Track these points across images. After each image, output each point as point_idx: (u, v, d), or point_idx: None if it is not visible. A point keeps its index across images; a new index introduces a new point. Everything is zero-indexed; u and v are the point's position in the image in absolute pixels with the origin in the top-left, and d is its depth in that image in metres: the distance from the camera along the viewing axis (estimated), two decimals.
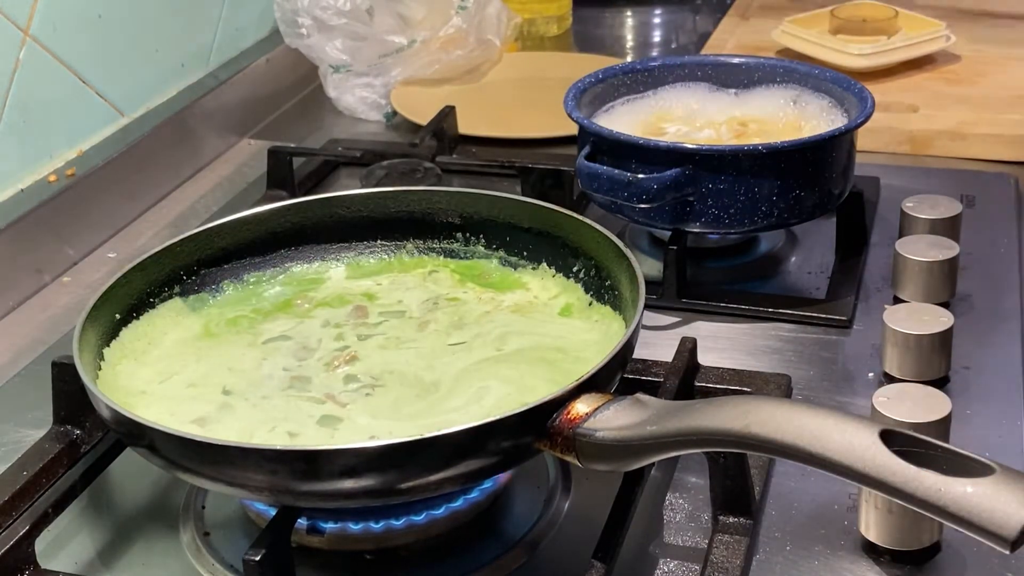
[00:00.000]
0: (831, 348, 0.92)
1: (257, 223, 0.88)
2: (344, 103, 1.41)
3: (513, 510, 0.76)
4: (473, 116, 1.32)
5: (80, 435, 0.79)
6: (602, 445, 0.63)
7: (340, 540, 0.72)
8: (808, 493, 0.77)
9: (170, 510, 0.78)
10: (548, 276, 0.85)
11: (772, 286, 1.01)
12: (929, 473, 0.49)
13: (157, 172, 1.24)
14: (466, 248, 0.88)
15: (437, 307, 0.83)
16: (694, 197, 0.94)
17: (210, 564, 0.73)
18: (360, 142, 1.30)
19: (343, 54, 1.39)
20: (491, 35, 1.44)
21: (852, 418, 0.54)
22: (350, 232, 0.89)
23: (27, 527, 0.71)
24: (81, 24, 1.18)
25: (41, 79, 1.13)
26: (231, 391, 0.75)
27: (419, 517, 0.71)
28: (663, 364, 0.82)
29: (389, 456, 0.62)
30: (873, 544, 0.71)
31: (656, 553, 0.73)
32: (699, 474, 0.78)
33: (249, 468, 0.63)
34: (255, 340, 0.81)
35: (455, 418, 0.70)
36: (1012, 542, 0.48)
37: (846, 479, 0.53)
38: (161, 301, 0.83)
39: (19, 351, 0.98)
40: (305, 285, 0.87)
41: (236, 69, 1.39)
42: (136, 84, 1.26)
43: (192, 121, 1.30)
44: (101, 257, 1.13)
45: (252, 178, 1.27)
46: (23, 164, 1.12)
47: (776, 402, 0.58)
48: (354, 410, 0.72)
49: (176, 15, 1.32)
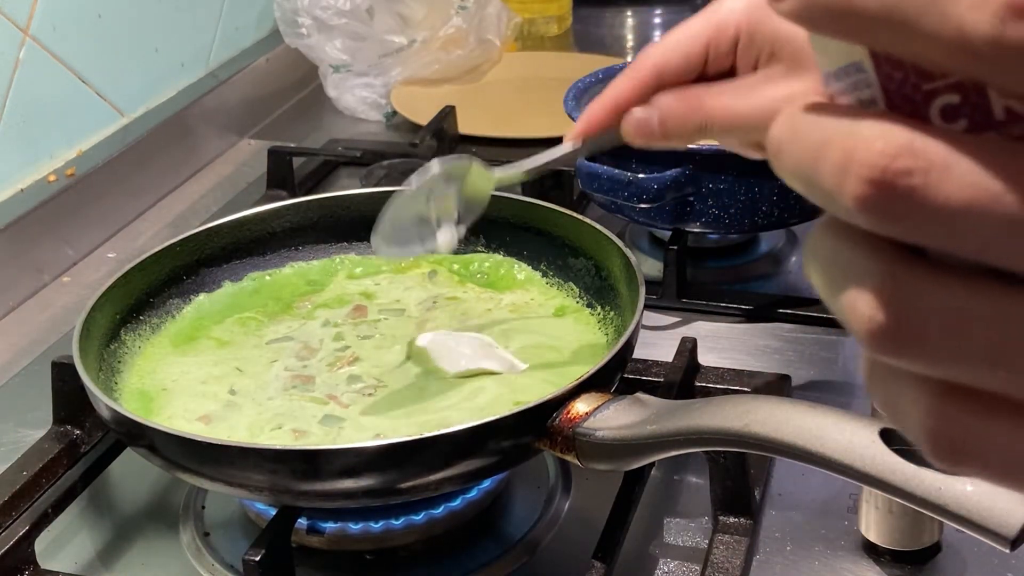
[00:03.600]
0: (831, 348, 0.92)
1: (257, 223, 0.88)
2: (344, 103, 1.41)
3: (513, 510, 0.76)
4: (473, 116, 1.32)
5: (80, 435, 0.79)
6: (602, 445, 0.63)
7: (340, 540, 0.72)
8: (808, 493, 0.77)
9: (170, 510, 0.78)
10: (548, 276, 0.85)
11: (772, 286, 1.01)
12: (929, 472, 0.49)
13: (157, 172, 1.24)
14: (466, 248, 0.88)
15: (436, 306, 0.83)
16: (694, 197, 0.94)
17: (210, 564, 0.72)
18: (360, 142, 1.30)
19: (343, 54, 1.39)
20: (491, 35, 1.44)
21: (852, 417, 0.54)
22: (350, 232, 0.89)
23: (27, 527, 0.71)
24: (81, 24, 1.18)
25: (41, 79, 1.13)
26: (237, 391, 0.75)
27: (419, 517, 0.71)
28: (663, 364, 0.82)
29: (389, 456, 0.62)
30: (873, 544, 0.71)
31: (656, 553, 0.73)
32: (699, 474, 0.78)
33: (249, 468, 0.63)
34: (260, 341, 0.81)
35: (449, 416, 0.70)
36: (1012, 541, 0.48)
37: (846, 478, 0.53)
38: (161, 301, 0.83)
39: (19, 351, 0.98)
40: (305, 286, 0.87)
41: (236, 69, 1.39)
42: (136, 84, 1.27)
43: (192, 121, 1.30)
44: (101, 257, 1.13)
45: (252, 178, 1.27)
46: (23, 164, 1.12)
47: (776, 401, 0.58)
48: (355, 410, 0.72)
49: (176, 15, 1.32)
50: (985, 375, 0.25)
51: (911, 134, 0.25)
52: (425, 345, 0.76)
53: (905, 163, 0.24)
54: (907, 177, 0.24)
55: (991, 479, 0.27)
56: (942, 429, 0.26)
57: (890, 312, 0.25)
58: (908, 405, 0.27)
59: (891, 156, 0.24)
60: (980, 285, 0.25)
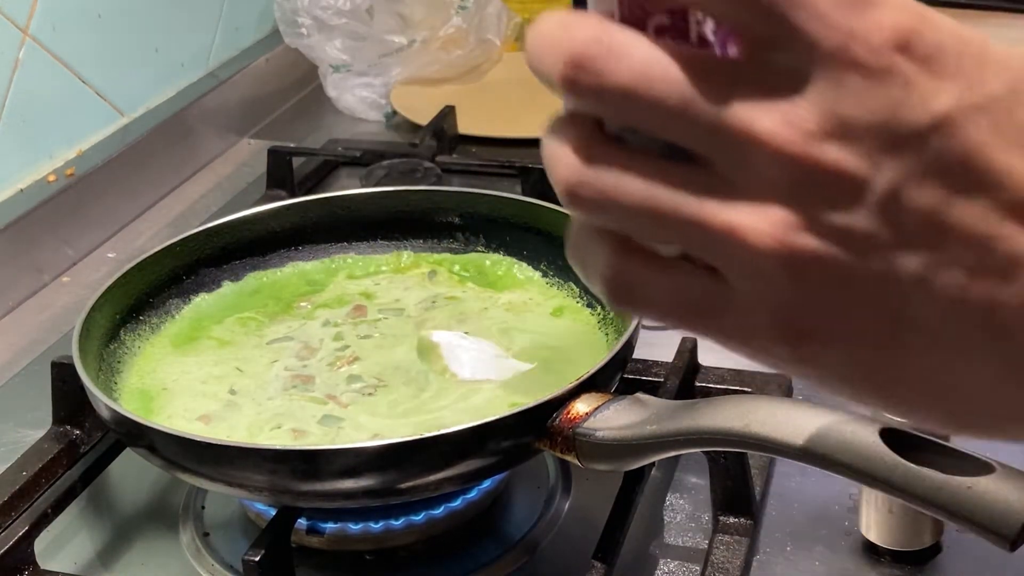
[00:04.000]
0: None
1: (257, 223, 0.88)
2: (344, 103, 1.41)
3: (513, 510, 0.76)
4: (473, 116, 1.32)
5: (79, 435, 0.79)
6: (602, 445, 0.63)
7: (340, 540, 0.72)
8: (808, 493, 0.77)
9: (170, 510, 0.78)
10: (547, 276, 0.85)
11: None
12: (929, 472, 0.49)
13: (157, 172, 1.24)
14: (466, 248, 0.88)
15: (435, 306, 0.83)
16: None
17: (210, 564, 0.72)
18: (360, 142, 1.30)
19: (343, 54, 1.39)
20: (491, 35, 1.44)
21: (852, 417, 0.54)
22: (350, 232, 0.89)
23: (27, 527, 0.71)
24: (81, 24, 1.18)
25: (41, 79, 1.13)
26: (237, 391, 0.75)
27: (419, 517, 0.71)
28: (663, 364, 0.82)
29: (388, 456, 0.62)
30: (873, 544, 0.71)
31: (656, 553, 0.73)
32: (699, 474, 0.78)
33: (248, 468, 0.63)
34: (260, 341, 0.81)
35: (445, 416, 0.70)
36: (1012, 541, 0.48)
37: (847, 478, 0.53)
38: (161, 301, 0.83)
39: (19, 351, 0.98)
40: (305, 286, 0.87)
41: (236, 69, 1.39)
42: (136, 84, 1.26)
43: (192, 121, 1.30)
44: (101, 257, 1.13)
45: (252, 178, 1.27)
46: (23, 164, 1.12)
47: (776, 401, 0.58)
48: (355, 410, 0.72)
49: (176, 15, 1.32)
50: (644, 229, 0.35)
51: (602, 29, 0.33)
52: (438, 342, 0.76)
53: (593, 49, 0.33)
54: (592, 60, 0.33)
55: (657, 318, 0.36)
56: (617, 276, 0.36)
57: (578, 171, 0.35)
58: (593, 260, 0.36)
59: (583, 43, 0.33)
60: (643, 159, 0.34)
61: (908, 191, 0.32)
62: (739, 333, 0.35)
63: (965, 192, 0.33)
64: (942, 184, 0.32)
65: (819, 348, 0.35)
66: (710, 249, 0.34)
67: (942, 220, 0.33)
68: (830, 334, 0.34)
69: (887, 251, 0.33)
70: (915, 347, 0.35)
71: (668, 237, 0.35)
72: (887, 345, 0.35)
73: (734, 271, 0.34)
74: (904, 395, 0.36)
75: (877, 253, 0.33)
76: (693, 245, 0.34)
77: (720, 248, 0.34)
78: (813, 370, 0.36)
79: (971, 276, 0.33)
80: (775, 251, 0.33)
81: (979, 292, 0.33)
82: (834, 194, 0.33)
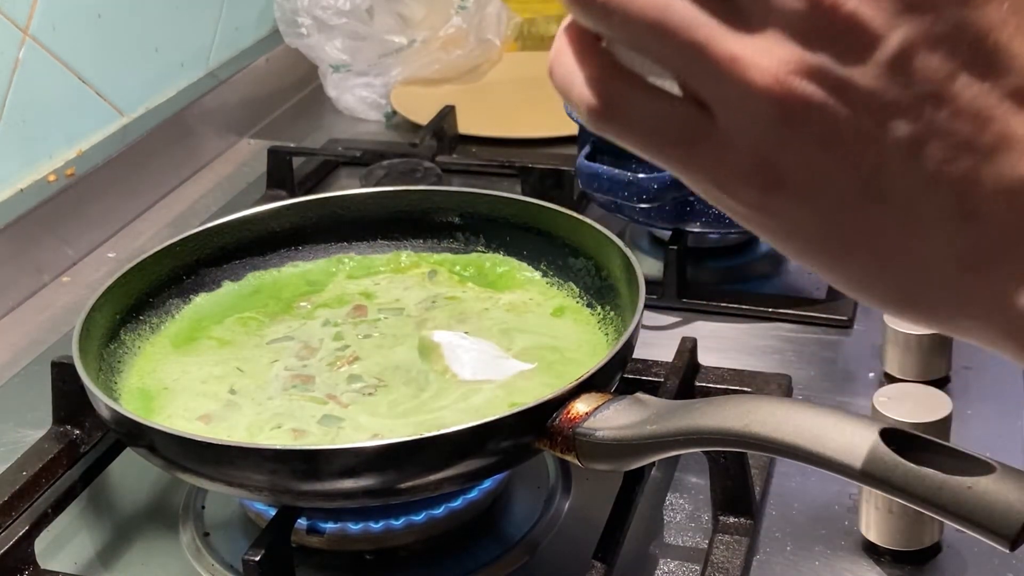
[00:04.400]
0: (831, 348, 0.92)
1: (257, 223, 0.88)
2: (344, 103, 1.41)
3: (513, 510, 0.76)
4: (473, 116, 1.32)
5: (80, 435, 0.79)
6: (602, 445, 0.63)
7: (340, 540, 0.72)
8: (808, 493, 0.77)
9: (170, 510, 0.78)
10: (548, 276, 0.85)
11: (772, 286, 1.01)
12: (929, 472, 0.49)
13: (157, 172, 1.24)
14: (466, 248, 0.88)
15: (435, 306, 0.83)
16: (694, 197, 0.94)
17: (210, 564, 0.72)
18: (360, 142, 1.30)
19: (343, 54, 1.39)
20: (491, 35, 1.44)
21: (852, 417, 0.54)
22: (350, 232, 0.89)
23: (27, 527, 0.71)
24: (81, 24, 1.18)
25: (41, 79, 1.13)
26: (237, 391, 0.75)
27: (419, 517, 0.71)
28: (663, 364, 0.82)
29: (388, 456, 0.62)
30: (873, 544, 0.71)
31: (656, 553, 0.73)
32: (699, 474, 0.78)
33: (249, 468, 0.63)
34: (260, 341, 0.81)
35: (445, 416, 0.70)
36: (1012, 541, 0.48)
37: (846, 478, 0.53)
38: (161, 301, 0.83)
39: (19, 351, 0.98)
40: (305, 286, 0.87)
41: (236, 69, 1.39)
42: (136, 84, 1.26)
43: (192, 121, 1.30)
44: (101, 257, 1.13)
45: (252, 178, 1.27)
46: (23, 164, 1.12)
47: (776, 401, 0.57)
48: (355, 410, 0.72)
49: (175, 15, 1.32)
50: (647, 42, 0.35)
51: None
52: (440, 342, 0.76)
53: None
54: None
55: (634, 143, 0.37)
56: (601, 95, 0.36)
57: None
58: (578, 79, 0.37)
59: None
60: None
61: (918, 55, 0.33)
62: (712, 167, 0.35)
63: (973, 67, 0.33)
64: (952, 55, 0.33)
65: (785, 200, 0.35)
66: (707, 76, 0.34)
67: (944, 90, 0.33)
68: (802, 187, 0.35)
69: (882, 112, 0.33)
70: (881, 218, 0.35)
71: (666, 55, 0.35)
72: (854, 209, 0.35)
73: (725, 104, 0.34)
74: (856, 268, 0.36)
75: (871, 112, 0.33)
76: (691, 69, 0.34)
77: (718, 77, 0.34)
78: (773, 222, 0.36)
79: (956, 151, 0.33)
80: (771, 90, 0.33)
81: (959, 169, 0.33)
82: (846, 45, 0.33)
